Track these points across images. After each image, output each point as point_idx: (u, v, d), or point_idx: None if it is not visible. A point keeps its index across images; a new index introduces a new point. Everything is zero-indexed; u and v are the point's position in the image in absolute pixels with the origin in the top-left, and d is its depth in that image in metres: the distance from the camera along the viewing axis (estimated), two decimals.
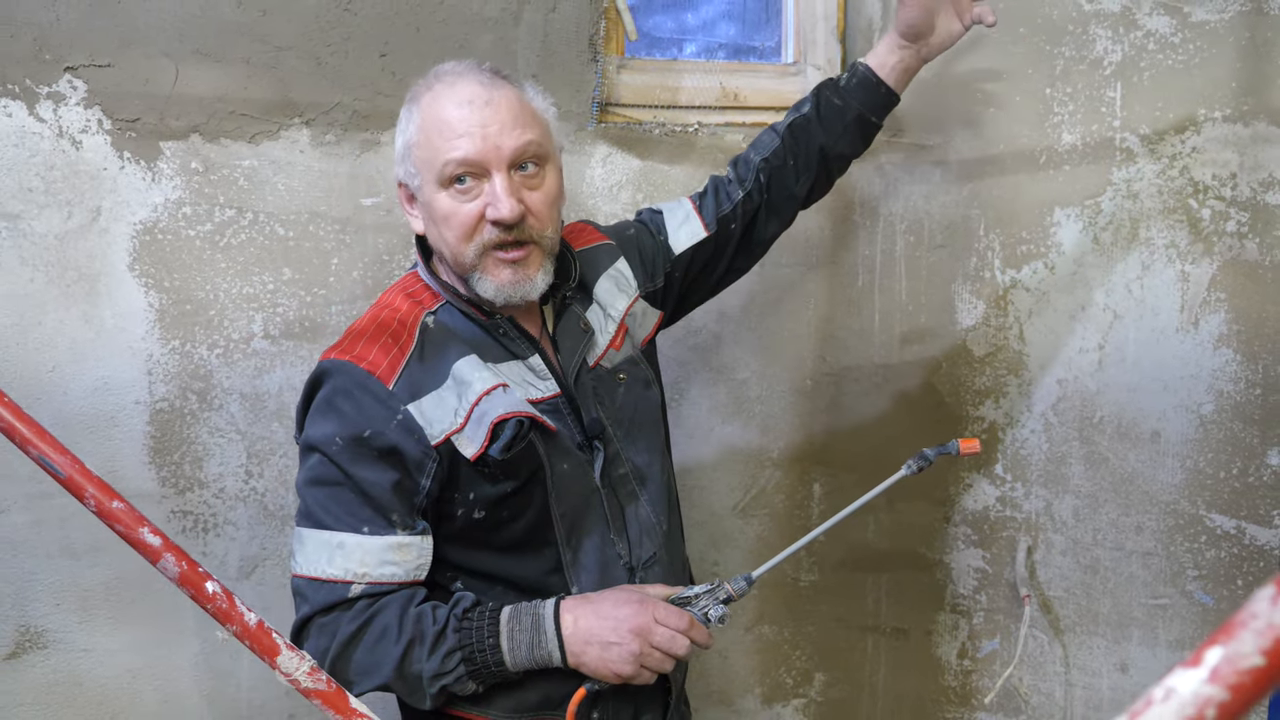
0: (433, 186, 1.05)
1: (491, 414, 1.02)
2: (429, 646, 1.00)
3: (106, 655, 1.46)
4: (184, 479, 1.48)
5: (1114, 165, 1.67)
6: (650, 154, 1.62)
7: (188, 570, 0.81)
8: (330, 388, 1.05)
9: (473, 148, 1.03)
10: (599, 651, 0.99)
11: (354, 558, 1.01)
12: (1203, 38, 1.63)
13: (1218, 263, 1.64)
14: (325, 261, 1.50)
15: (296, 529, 1.06)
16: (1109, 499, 1.70)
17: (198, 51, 1.42)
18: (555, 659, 1.01)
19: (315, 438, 1.04)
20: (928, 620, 1.74)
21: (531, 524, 1.07)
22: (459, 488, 1.04)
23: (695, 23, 1.82)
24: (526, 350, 1.10)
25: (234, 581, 1.51)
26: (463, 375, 1.04)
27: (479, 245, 1.05)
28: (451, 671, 1.00)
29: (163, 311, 1.44)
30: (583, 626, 1.00)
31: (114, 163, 1.41)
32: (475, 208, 1.04)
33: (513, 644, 1.00)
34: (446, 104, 1.05)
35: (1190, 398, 1.65)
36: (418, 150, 1.06)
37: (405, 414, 1.02)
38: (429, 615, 1.01)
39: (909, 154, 1.70)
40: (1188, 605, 1.68)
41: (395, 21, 1.48)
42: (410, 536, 1.02)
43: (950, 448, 1.12)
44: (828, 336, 1.70)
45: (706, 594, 1.06)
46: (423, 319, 1.08)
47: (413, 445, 1.02)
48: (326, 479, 1.03)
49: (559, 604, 1.02)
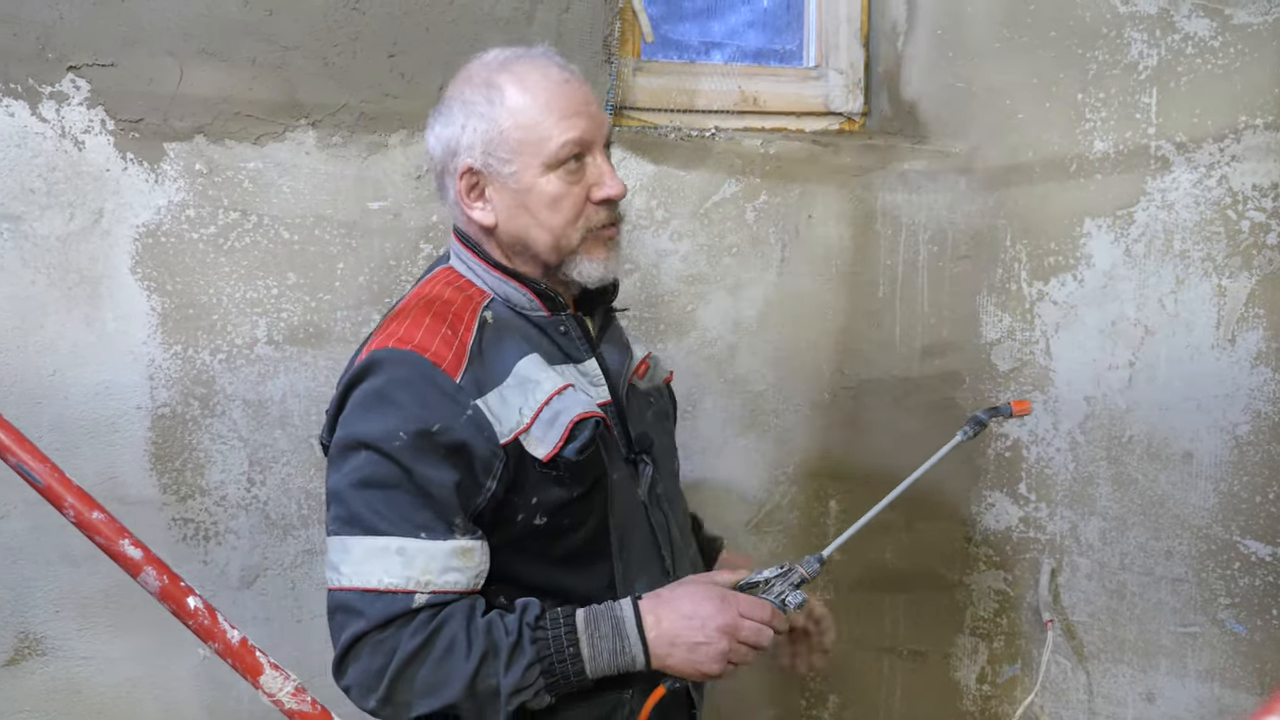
0: (536, 170, 0.99)
1: (568, 413, 0.97)
2: (505, 659, 0.91)
3: (106, 664, 1.44)
4: (185, 486, 1.45)
5: (1148, 174, 1.60)
6: (665, 159, 1.58)
7: (169, 585, 0.78)
8: (384, 379, 0.95)
9: (587, 126, 1.00)
10: (685, 653, 0.95)
11: (416, 564, 0.92)
12: (1244, 41, 1.56)
13: (1256, 277, 1.58)
14: (331, 266, 1.47)
15: (336, 538, 0.95)
16: (1138, 522, 1.63)
17: (203, 51, 1.39)
18: (639, 663, 0.95)
19: (368, 433, 0.94)
20: (946, 643, 1.69)
21: (590, 534, 1.02)
22: (523, 491, 0.98)
23: (721, 31, 1.77)
24: (584, 353, 1.06)
25: (235, 591, 1.48)
26: (528, 373, 0.99)
27: (584, 227, 1.01)
28: (531, 685, 0.92)
29: (165, 315, 1.42)
30: (666, 628, 0.95)
31: (117, 164, 1.39)
32: (582, 189, 1.01)
33: (594, 650, 0.94)
34: (544, 84, 1.00)
35: (1225, 418, 1.58)
36: (515, 134, 0.99)
37: (475, 409, 0.95)
38: (499, 625, 0.93)
39: (933, 161, 1.65)
40: (1219, 634, 1.61)
41: (404, 21, 1.45)
42: (472, 540, 0.95)
43: (1003, 410, 1.09)
44: (847, 348, 1.65)
45: (778, 578, 1.02)
46: (481, 312, 1.01)
47: (482, 443, 0.95)
48: (381, 479, 0.93)
49: (637, 605, 0.96)
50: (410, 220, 1.49)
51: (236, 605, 1.48)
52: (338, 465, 0.97)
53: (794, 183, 1.63)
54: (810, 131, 1.70)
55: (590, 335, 1.09)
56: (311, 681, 1.51)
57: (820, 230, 1.64)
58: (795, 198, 1.63)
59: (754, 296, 1.63)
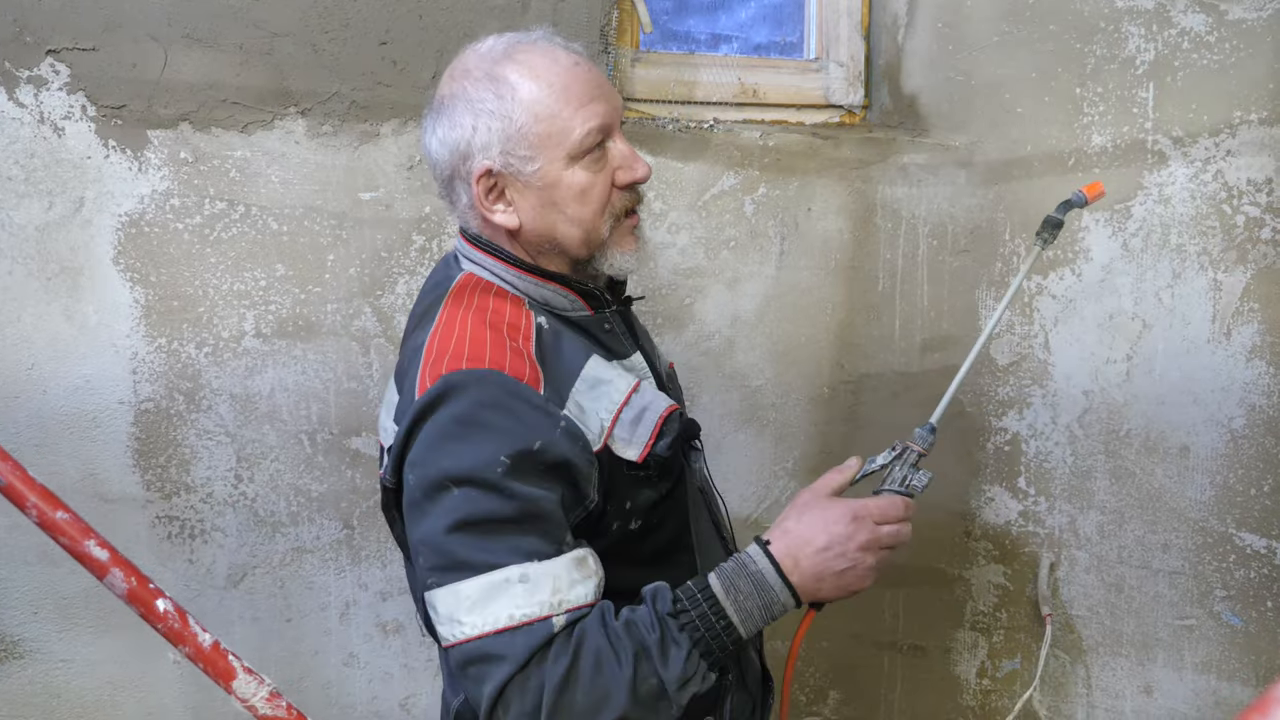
0: (561, 163, 0.93)
1: (654, 410, 0.94)
2: (657, 655, 0.86)
3: (86, 666, 1.40)
4: (170, 483, 1.41)
5: (1145, 169, 1.60)
6: (663, 150, 1.55)
7: (137, 587, 0.74)
8: (469, 402, 0.87)
9: (607, 110, 0.94)
10: (835, 581, 0.92)
11: (544, 587, 0.84)
12: (1240, 37, 1.56)
13: (1251, 271, 1.58)
14: (321, 258, 1.43)
15: (444, 589, 0.85)
16: (1135, 515, 1.63)
17: (188, 36, 1.34)
18: (791, 607, 0.93)
19: (461, 467, 0.85)
20: (946, 638, 1.68)
21: (676, 529, 0.99)
22: (616, 497, 0.93)
23: (727, 24, 1.75)
24: (629, 347, 1.02)
25: (221, 590, 1.44)
26: (597, 375, 0.93)
27: (611, 216, 0.96)
28: (697, 672, 0.87)
29: (149, 308, 1.38)
30: (808, 567, 0.91)
31: (98, 151, 1.34)
32: (606, 176, 0.95)
33: (743, 614, 0.89)
34: (555, 70, 0.93)
35: (1221, 411, 1.59)
36: (536, 127, 0.92)
37: (567, 420, 0.89)
38: (638, 624, 0.87)
39: (933, 154, 1.64)
40: (1216, 627, 1.61)
41: (397, 8, 1.41)
42: (583, 549, 0.89)
43: (1076, 199, 1.04)
44: (846, 343, 1.64)
45: (894, 461, 0.99)
46: (535, 319, 0.95)
47: (580, 454, 0.89)
48: (484, 515, 0.85)
49: (770, 553, 0.92)
50: (402, 211, 1.45)
51: (223, 605, 1.44)
52: (424, 510, 0.87)
53: (793, 175, 1.61)
54: (810, 124, 1.68)
55: (632, 329, 1.06)
56: (300, 683, 1.49)
57: (819, 224, 1.62)
58: (794, 191, 1.61)
59: (752, 290, 1.61)
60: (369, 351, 1.47)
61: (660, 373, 1.07)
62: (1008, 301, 1.03)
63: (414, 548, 0.89)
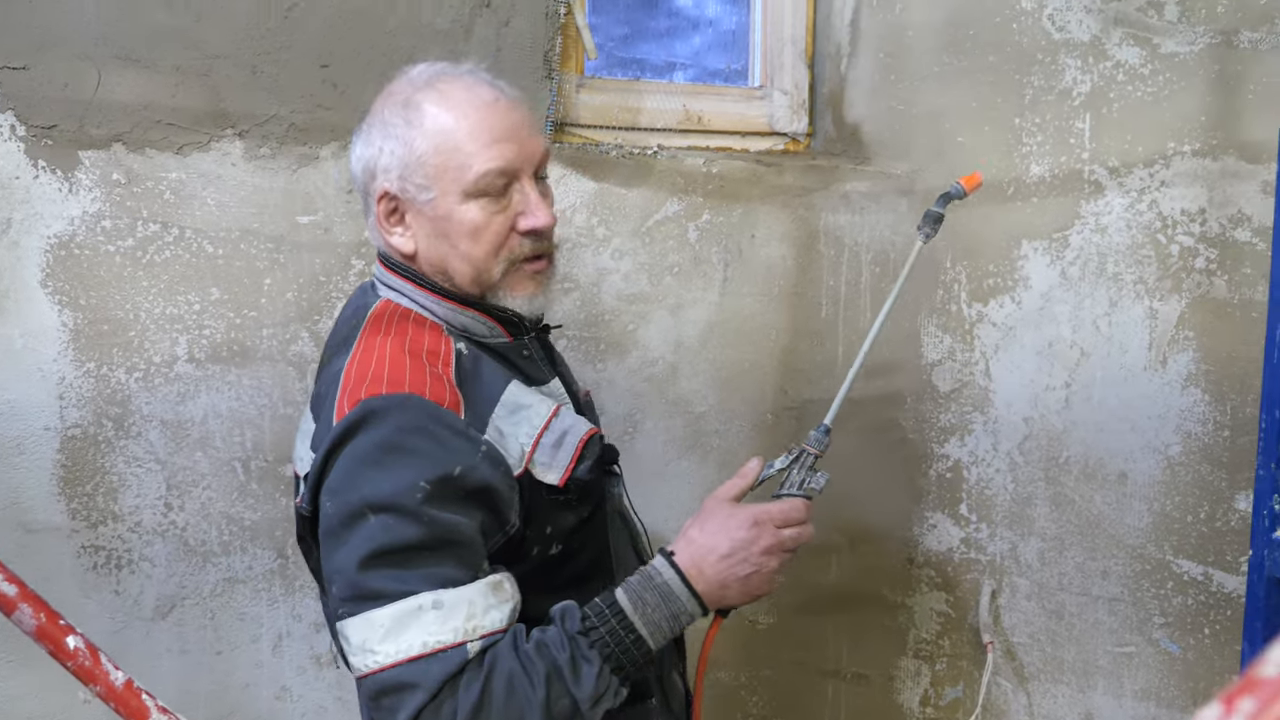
0: (455, 198, 0.94)
1: (574, 433, 0.94)
2: (569, 675, 0.86)
3: (6, 702, 1.35)
4: (97, 511, 1.37)
5: (1083, 198, 1.63)
6: (606, 176, 1.56)
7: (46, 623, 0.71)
8: (390, 428, 0.86)
9: (514, 154, 0.94)
10: (740, 588, 0.94)
11: (459, 613, 0.83)
12: (1172, 70, 1.60)
13: (1186, 300, 1.61)
14: (257, 281, 1.41)
15: (355, 619, 0.84)
16: (1075, 542, 1.64)
17: (123, 56, 1.33)
18: (698, 616, 0.94)
19: (383, 495, 0.84)
20: (890, 665, 1.68)
21: (596, 553, 1.00)
22: (536, 522, 0.93)
23: (684, 52, 1.76)
24: (548, 373, 1.03)
25: (149, 622, 1.41)
26: (518, 400, 0.94)
27: (507, 259, 0.96)
28: (609, 688, 0.88)
29: (77, 331, 1.35)
30: (712, 575, 0.93)
31: (27, 171, 1.32)
32: (506, 219, 0.95)
33: (651, 626, 0.90)
34: (471, 108, 0.94)
35: (1158, 439, 1.61)
36: (435, 158, 0.93)
37: (488, 444, 0.89)
38: (548, 645, 0.87)
39: (875, 183, 1.65)
40: (1154, 654, 1.62)
41: (338, 31, 1.40)
42: (499, 574, 0.88)
43: (954, 192, 1.03)
44: (790, 369, 1.64)
45: (792, 465, 1.01)
46: (455, 346, 0.95)
47: (501, 479, 0.89)
48: (401, 543, 0.84)
49: (675, 563, 0.93)
50: (341, 235, 1.44)
51: (150, 637, 1.40)
52: (341, 538, 0.85)
53: (737, 202, 1.62)
54: (754, 151, 1.69)
55: (550, 355, 1.06)
56: (230, 718, 1.45)
57: (763, 250, 1.63)
58: (738, 217, 1.62)
59: (696, 316, 1.61)
60: (305, 377, 1.45)
61: (577, 398, 1.08)
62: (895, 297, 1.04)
63: (328, 576, 0.88)
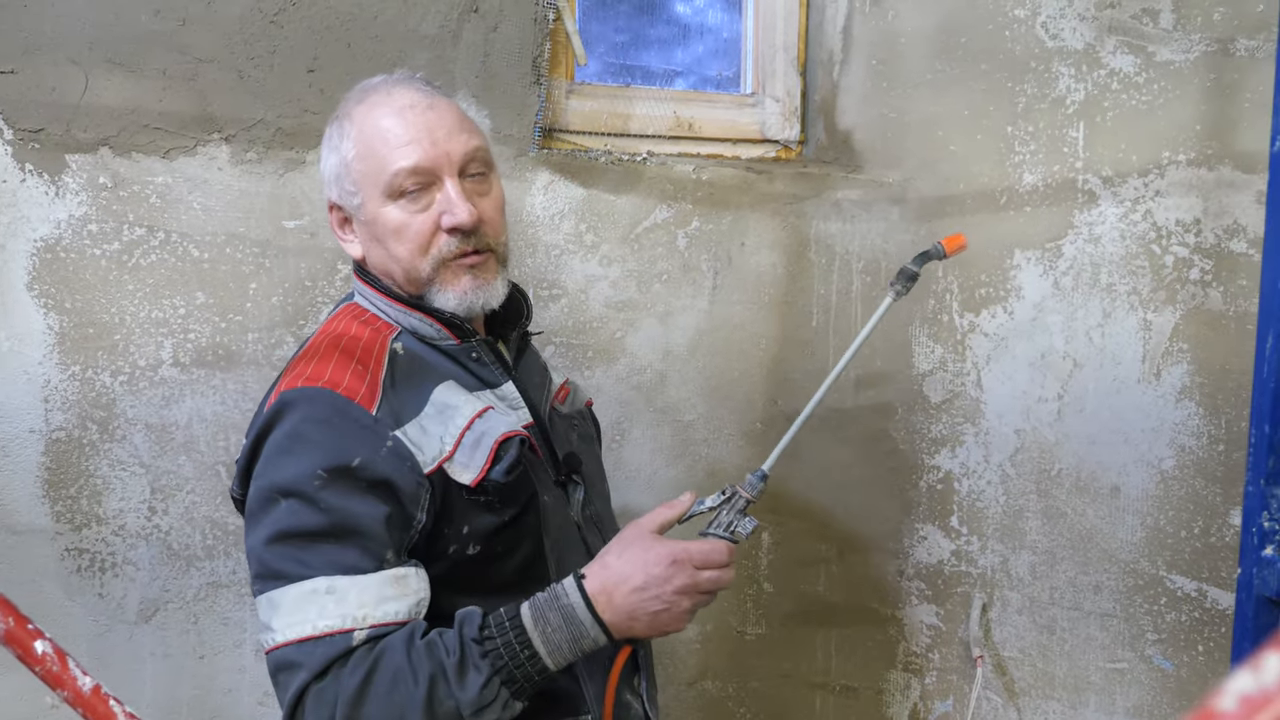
0: (378, 201, 0.98)
1: (491, 434, 0.95)
2: (454, 678, 0.87)
3: None
4: (80, 514, 1.37)
5: (1076, 208, 1.61)
6: (595, 183, 1.55)
7: (14, 627, 0.71)
8: (298, 418, 0.91)
9: (423, 154, 0.97)
10: (648, 621, 0.93)
11: (350, 600, 0.87)
12: (1167, 78, 1.58)
13: (1180, 311, 1.59)
14: (243, 286, 1.41)
15: (263, 597, 0.90)
16: (1067, 556, 1.62)
17: (110, 60, 1.33)
18: (601, 642, 0.93)
19: (285, 480, 0.90)
20: (879, 678, 1.66)
21: (526, 558, 0.99)
22: (452, 521, 0.94)
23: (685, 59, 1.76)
24: (500, 377, 1.04)
25: (132, 625, 1.40)
26: (445, 400, 0.96)
27: (435, 258, 0.99)
28: (497, 699, 0.88)
29: (63, 334, 1.35)
30: (621, 605, 0.91)
31: (14, 175, 1.32)
32: (428, 218, 0.98)
33: (550, 646, 0.89)
34: (386, 112, 0.99)
35: (1151, 452, 1.59)
36: (358, 165, 0.99)
37: (395, 440, 0.91)
38: (440, 645, 0.88)
39: (867, 191, 1.64)
40: (1147, 670, 1.60)
41: (325, 36, 1.40)
42: (406, 568, 0.90)
43: (934, 252, 1.02)
44: (779, 378, 1.63)
45: (723, 505, 0.99)
46: (390, 345, 0.98)
47: (406, 475, 0.91)
48: (303, 526, 0.88)
49: (583, 588, 0.92)
50: (327, 240, 1.44)
51: (133, 641, 1.40)
52: (257, 520, 0.91)
53: (727, 210, 1.61)
54: (745, 159, 1.68)
55: (505, 359, 1.07)
56: None
57: (753, 258, 1.62)
58: (728, 225, 1.61)
59: (685, 324, 1.60)
60: None
61: (540, 404, 1.08)
62: (855, 348, 1.03)
63: (246, 555, 0.93)
